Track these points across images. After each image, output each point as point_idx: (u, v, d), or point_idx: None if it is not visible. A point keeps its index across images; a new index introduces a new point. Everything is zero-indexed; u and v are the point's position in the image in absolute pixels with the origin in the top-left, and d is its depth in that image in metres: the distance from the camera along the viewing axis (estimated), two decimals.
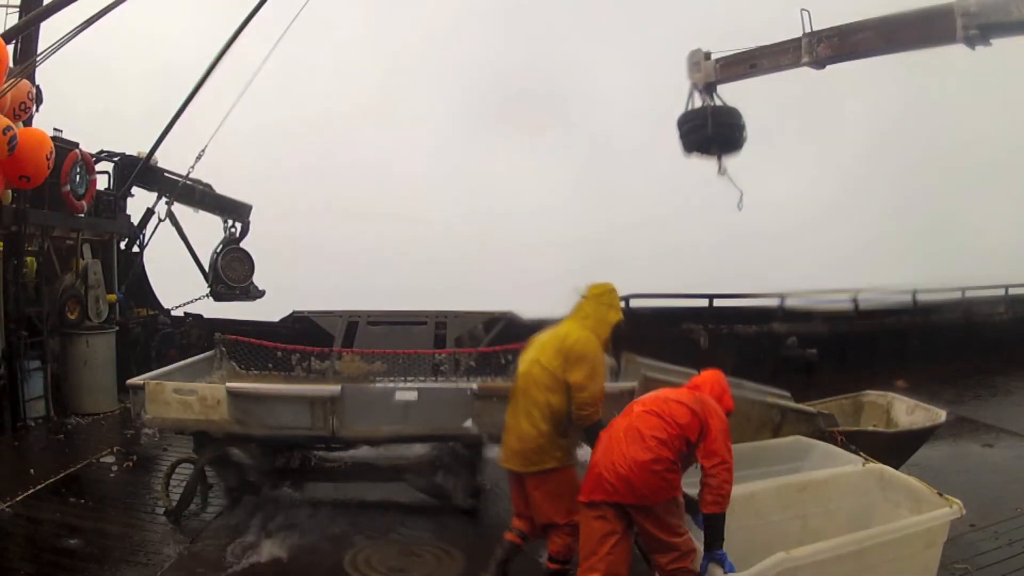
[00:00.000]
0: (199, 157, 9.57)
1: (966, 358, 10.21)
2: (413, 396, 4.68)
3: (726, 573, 3.09)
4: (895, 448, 5.03)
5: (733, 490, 3.24)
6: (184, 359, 6.01)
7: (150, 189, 9.55)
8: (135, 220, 9.54)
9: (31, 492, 5.32)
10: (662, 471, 3.16)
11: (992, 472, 5.95)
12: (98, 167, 8.66)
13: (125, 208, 9.32)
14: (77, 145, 7.97)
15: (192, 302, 10.04)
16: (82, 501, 5.21)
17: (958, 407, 7.67)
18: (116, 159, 9.23)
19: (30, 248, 7.45)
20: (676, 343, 8.29)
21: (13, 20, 7.10)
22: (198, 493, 5.11)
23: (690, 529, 3.32)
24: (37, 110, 7.41)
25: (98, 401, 7.77)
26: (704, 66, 7.43)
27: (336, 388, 4.67)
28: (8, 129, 5.93)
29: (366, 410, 4.68)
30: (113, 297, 8.54)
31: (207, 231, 10.33)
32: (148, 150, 9.39)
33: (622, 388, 4.80)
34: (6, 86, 5.98)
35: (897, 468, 4.18)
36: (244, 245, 10.36)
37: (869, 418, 5.98)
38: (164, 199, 9.58)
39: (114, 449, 6.45)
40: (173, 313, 9.80)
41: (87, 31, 5.63)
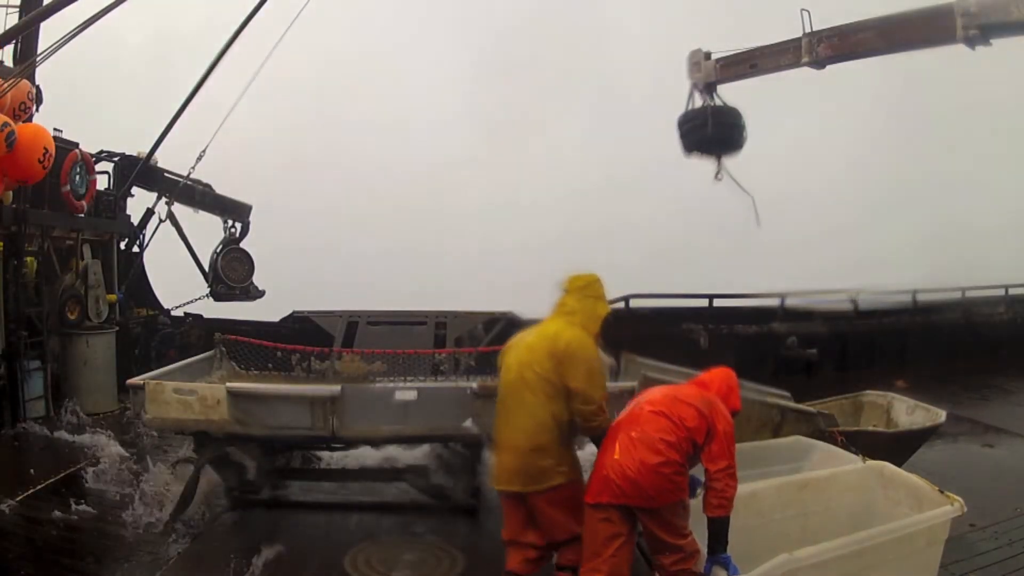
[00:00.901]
0: (200, 158, 9.58)
1: (966, 358, 10.21)
2: (413, 396, 4.68)
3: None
4: (895, 448, 5.03)
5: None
6: (184, 359, 6.00)
7: (150, 189, 9.55)
8: (135, 220, 9.56)
9: (31, 492, 5.32)
10: (670, 474, 3.14)
11: (992, 472, 5.95)
12: (98, 167, 8.67)
13: (125, 208, 9.32)
14: (77, 145, 7.97)
15: (192, 302, 10.05)
16: (82, 501, 5.21)
17: (958, 407, 7.67)
18: (116, 159, 9.24)
19: (30, 248, 7.44)
20: (676, 343, 8.29)
21: (13, 20, 7.10)
22: (198, 493, 5.11)
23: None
24: (37, 110, 7.42)
25: (98, 401, 7.77)
26: (704, 66, 7.43)
27: (336, 388, 4.66)
28: (5, 126, 5.93)
29: (366, 410, 4.68)
30: (113, 297, 8.54)
31: (207, 231, 10.35)
32: (148, 150, 9.39)
33: (622, 388, 4.79)
34: (6, 86, 5.98)
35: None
36: (244, 245, 10.37)
37: (869, 418, 5.99)
38: (164, 199, 9.58)
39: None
40: (173, 313, 9.80)
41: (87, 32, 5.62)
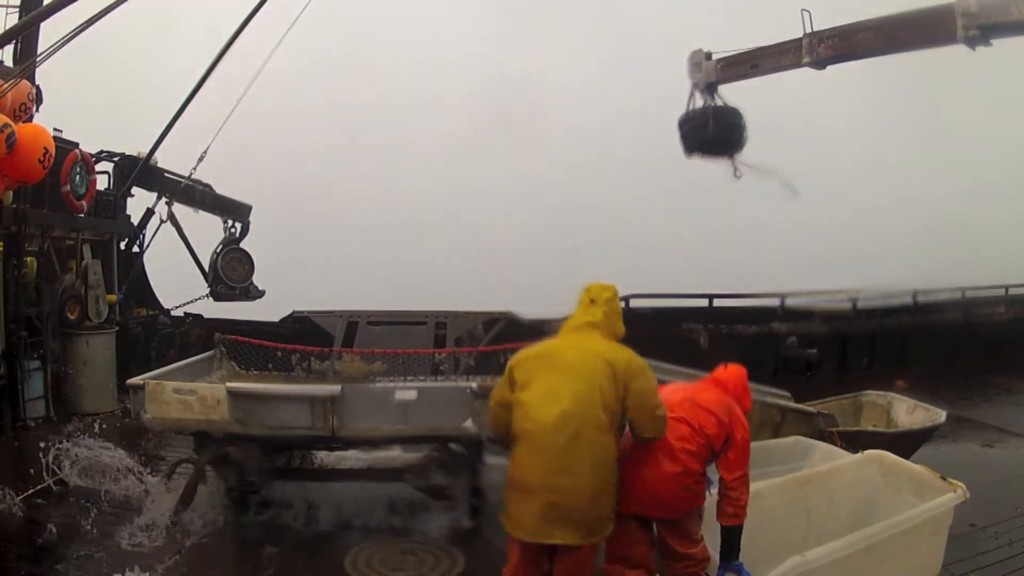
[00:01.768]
0: (201, 158, 9.58)
1: (966, 358, 10.21)
2: (413, 395, 4.68)
3: None
4: (895, 448, 5.02)
5: None
6: (184, 359, 6.00)
7: (150, 189, 9.55)
8: (135, 220, 9.55)
9: (31, 492, 5.32)
10: (691, 483, 3.15)
11: (992, 472, 5.95)
12: (98, 167, 8.66)
13: (125, 208, 9.32)
14: (77, 145, 7.96)
15: (192, 302, 10.05)
16: (82, 501, 5.21)
17: (958, 407, 7.67)
18: (116, 159, 9.23)
19: (30, 248, 7.44)
20: (676, 343, 8.29)
21: (13, 20, 7.10)
22: (198, 493, 5.11)
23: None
24: (37, 110, 7.42)
25: (98, 401, 7.76)
26: (705, 66, 7.43)
27: (336, 388, 4.67)
28: (6, 127, 5.93)
29: (366, 410, 4.68)
30: (113, 297, 8.53)
31: (208, 231, 10.35)
32: (148, 150, 9.39)
33: None
34: (6, 86, 5.97)
35: None
36: (244, 245, 10.37)
37: (869, 418, 5.99)
38: (164, 199, 9.58)
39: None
40: (173, 313, 9.80)
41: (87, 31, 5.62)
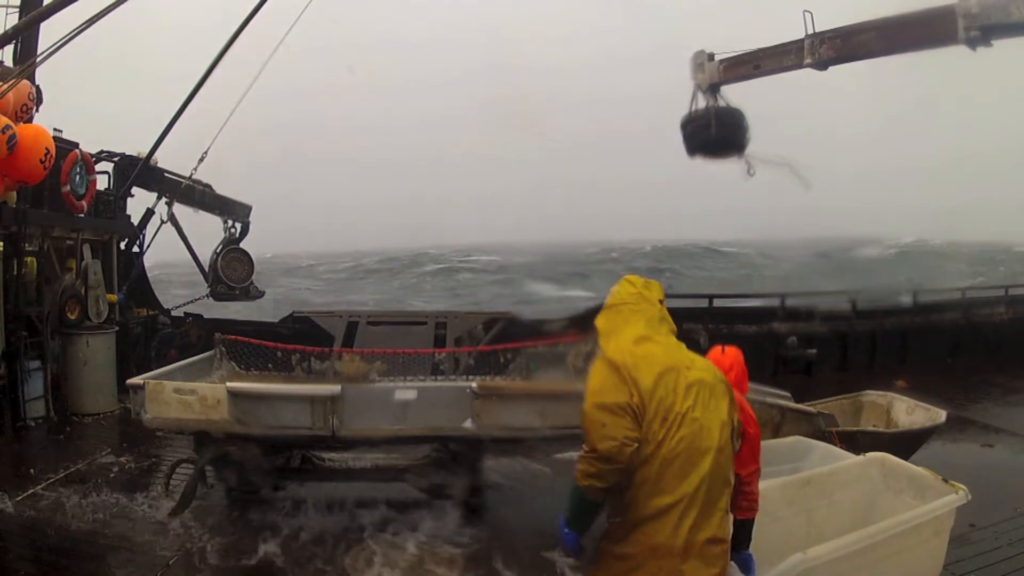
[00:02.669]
0: (202, 159, 9.58)
1: (966, 358, 10.22)
2: (413, 395, 4.68)
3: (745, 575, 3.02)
4: (895, 448, 5.02)
5: None
6: (184, 359, 6.00)
7: (150, 189, 9.55)
8: (135, 220, 9.55)
9: (31, 492, 5.32)
10: None
11: (992, 472, 5.94)
12: (98, 167, 8.66)
13: (125, 208, 9.32)
14: (77, 145, 7.97)
15: (192, 302, 10.06)
16: (82, 501, 5.21)
17: (958, 407, 7.67)
18: (116, 159, 9.24)
19: (30, 248, 7.44)
20: None
21: (13, 20, 7.11)
22: (198, 493, 5.11)
23: None
24: (37, 110, 7.42)
25: (98, 401, 7.77)
26: (708, 67, 7.42)
27: (336, 387, 4.66)
28: (7, 128, 5.93)
29: (366, 409, 4.68)
30: (114, 298, 8.54)
31: (208, 231, 10.36)
32: (148, 150, 9.39)
33: None
34: (6, 86, 5.97)
35: None
36: (244, 245, 10.37)
37: (869, 418, 5.98)
38: (164, 199, 9.58)
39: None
40: (173, 313, 9.80)
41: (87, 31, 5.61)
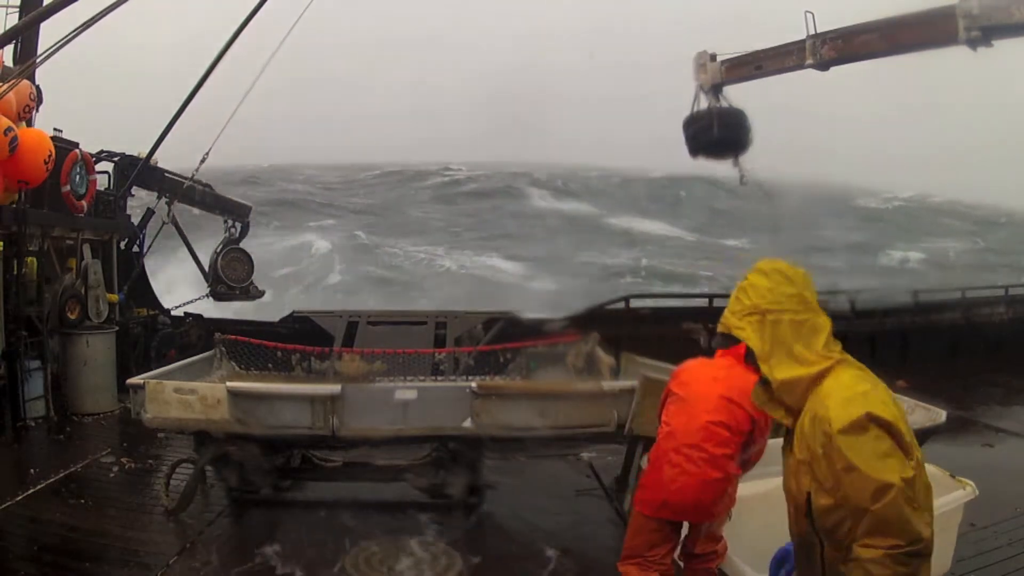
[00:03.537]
0: (203, 160, 9.58)
1: (966, 358, 10.21)
2: (413, 395, 4.69)
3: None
4: None
5: (750, 490, 3.28)
6: (184, 359, 6.00)
7: (150, 189, 9.55)
8: (135, 220, 9.56)
9: (31, 492, 5.32)
10: (731, 491, 3.16)
11: (992, 472, 5.93)
12: (98, 167, 8.66)
13: (125, 208, 9.32)
14: (77, 145, 7.96)
15: (192, 302, 10.05)
16: (82, 501, 5.21)
17: (958, 407, 7.66)
18: (116, 159, 9.23)
19: (30, 248, 7.44)
20: (676, 343, 8.29)
21: (13, 20, 7.10)
22: (198, 493, 5.11)
23: None
24: (37, 110, 7.42)
25: (98, 401, 7.77)
26: (710, 67, 7.42)
27: (336, 387, 4.67)
28: (9, 130, 5.94)
29: (366, 409, 4.69)
30: (115, 298, 8.54)
31: (207, 231, 10.36)
32: (148, 150, 9.39)
33: (622, 388, 4.81)
34: (7, 87, 5.97)
35: None
36: (243, 245, 10.37)
37: None
38: (164, 199, 9.57)
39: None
40: (173, 313, 9.80)
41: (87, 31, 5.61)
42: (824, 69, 6.92)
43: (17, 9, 7.30)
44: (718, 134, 7.33)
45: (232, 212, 10.31)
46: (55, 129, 7.49)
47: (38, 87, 7.42)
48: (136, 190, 9.45)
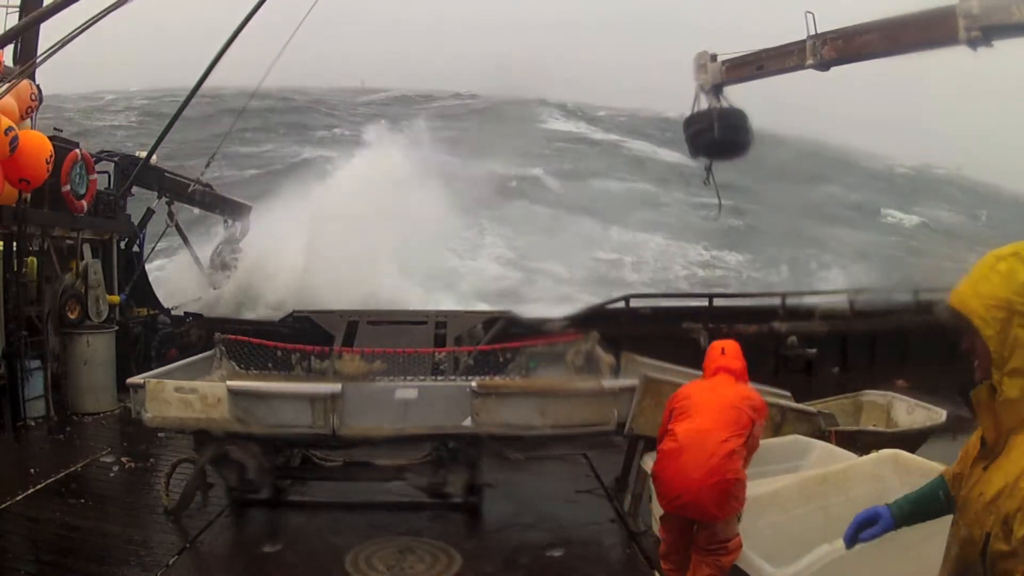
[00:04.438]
0: (209, 163, 9.60)
1: (966, 358, 10.19)
2: (413, 395, 4.69)
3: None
4: (895, 448, 5.03)
5: (759, 488, 3.31)
6: (184, 358, 6.00)
7: (150, 189, 9.55)
8: (135, 220, 9.56)
9: (31, 492, 5.32)
10: (737, 489, 3.21)
11: None
12: (98, 167, 8.66)
13: (125, 208, 9.32)
14: (77, 145, 7.97)
15: (191, 302, 10.06)
16: (82, 501, 5.21)
17: (958, 407, 7.63)
18: (116, 159, 9.24)
19: (30, 248, 7.44)
20: (676, 343, 8.29)
21: (13, 20, 7.10)
22: (198, 493, 5.11)
23: None
24: (37, 110, 7.42)
25: (98, 400, 7.77)
26: (711, 68, 7.43)
27: (336, 386, 4.66)
28: (10, 130, 5.94)
29: (366, 408, 4.69)
30: (116, 298, 8.53)
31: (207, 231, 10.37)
32: (148, 150, 9.40)
33: (622, 387, 4.81)
34: (7, 87, 5.97)
35: None
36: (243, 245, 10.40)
37: (869, 418, 5.99)
38: (164, 199, 9.58)
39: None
40: (173, 313, 9.81)
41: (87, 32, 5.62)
42: (824, 69, 6.94)
43: (17, 9, 7.30)
44: (719, 135, 7.34)
45: (232, 212, 10.33)
46: (55, 129, 7.50)
47: (38, 86, 7.42)
48: (136, 190, 9.45)
